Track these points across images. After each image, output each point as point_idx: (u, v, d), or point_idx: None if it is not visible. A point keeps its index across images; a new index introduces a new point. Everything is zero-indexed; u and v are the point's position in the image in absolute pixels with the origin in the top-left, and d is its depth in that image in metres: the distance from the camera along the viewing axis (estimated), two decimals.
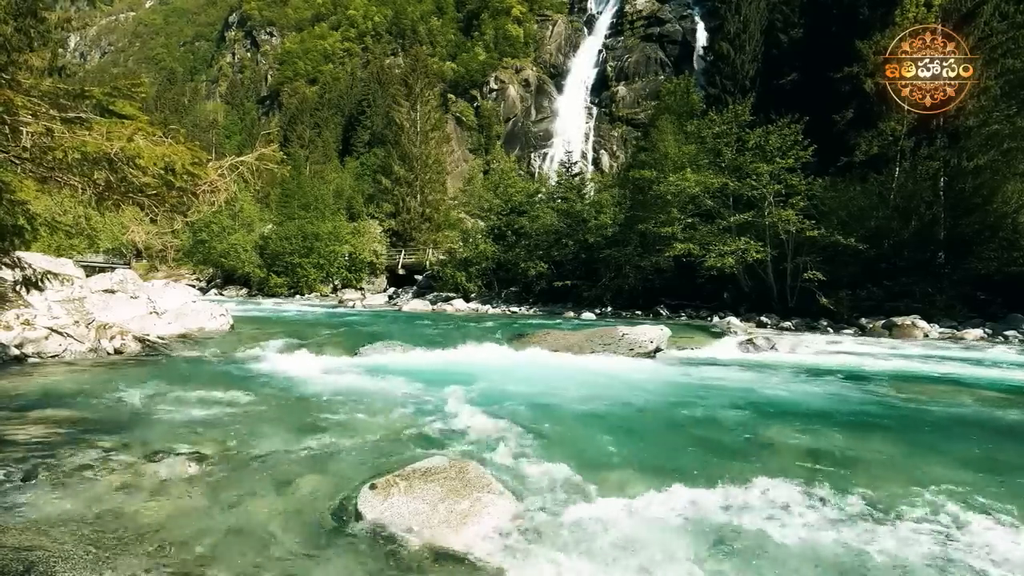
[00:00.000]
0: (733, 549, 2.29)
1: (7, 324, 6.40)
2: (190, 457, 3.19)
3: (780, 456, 3.56)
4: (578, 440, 3.80)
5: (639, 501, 2.67)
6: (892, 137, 15.29)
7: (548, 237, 21.88)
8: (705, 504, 2.64)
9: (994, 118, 13.27)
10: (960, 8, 15.09)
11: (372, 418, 4.23)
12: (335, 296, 28.19)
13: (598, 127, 57.77)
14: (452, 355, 7.64)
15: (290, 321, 13.28)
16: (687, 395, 5.41)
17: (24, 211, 3.64)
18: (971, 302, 12.97)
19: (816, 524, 2.48)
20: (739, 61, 22.96)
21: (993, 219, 13.26)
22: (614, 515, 2.53)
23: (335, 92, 66.39)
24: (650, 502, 2.66)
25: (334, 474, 3.04)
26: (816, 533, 2.40)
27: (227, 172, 3.40)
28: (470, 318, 16.71)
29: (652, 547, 2.28)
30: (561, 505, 2.64)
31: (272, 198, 37.38)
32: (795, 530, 2.42)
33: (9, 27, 4.13)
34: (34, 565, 1.81)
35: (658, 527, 2.44)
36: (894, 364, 7.56)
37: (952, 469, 3.26)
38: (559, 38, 64.59)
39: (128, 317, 8.20)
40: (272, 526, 2.45)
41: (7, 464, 2.92)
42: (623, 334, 8.08)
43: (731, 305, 16.15)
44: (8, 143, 2.84)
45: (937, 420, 4.60)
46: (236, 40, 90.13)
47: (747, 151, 15.08)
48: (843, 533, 2.39)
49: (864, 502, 2.70)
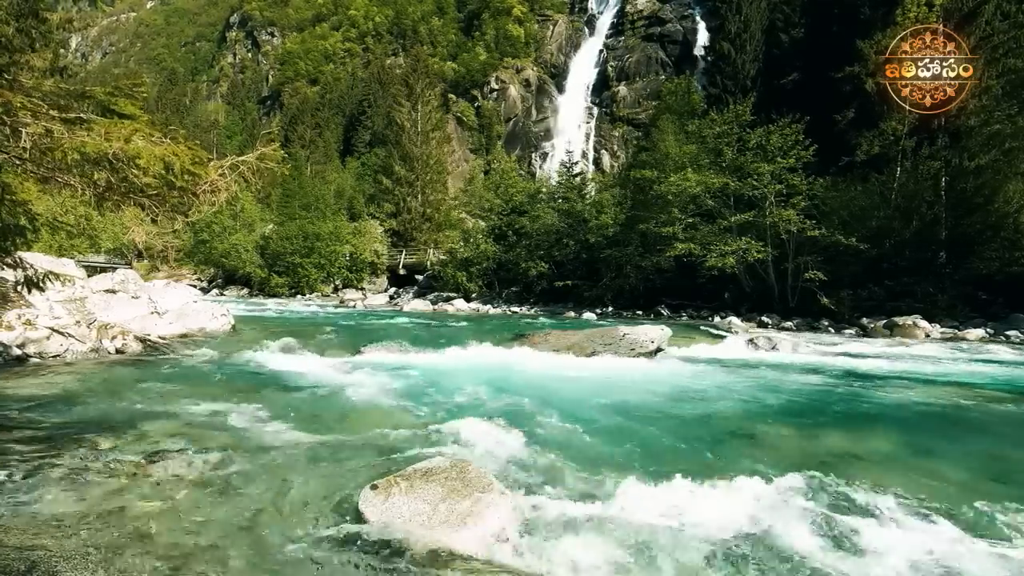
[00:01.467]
0: (735, 549, 2.29)
1: (9, 324, 6.41)
2: (191, 457, 3.20)
3: (781, 456, 3.55)
4: (579, 440, 3.80)
5: (640, 501, 2.67)
6: (893, 137, 15.26)
7: (549, 237, 21.88)
8: (707, 504, 2.63)
9: (996, 118, 13.24)
10: (961, 8, 15.05)
11: (373, 418, 4.23)
12: (336, 296, 28.22)
13: (599, 127, 57.73)
14: (453, 355, 7.64)
15: (291, 321, 13.30)
16: (688, 395, 5.41)
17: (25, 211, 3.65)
18: (973, 302, 12.95)
19: (817, 524, 2.47)
20: (740, 61, 22.92)
21: (995, 219, 13.24)
22: (615, 515, 2.53)
23: (336, 92, 66.45)
24: (651, 502, 2.66)
25: (335, 474, 3.04)
26: (817, 533, 2.39)
27: (228, 172, 3.40)
28: (471, 318, 16.71)
29: (653, 547, 2.27)
30: (562, 505, 2.64)
31: (273, 198, 37.44)
32: (797, 530, 2.41)
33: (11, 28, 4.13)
34: (36, 565, 1.82)
35: (659, 526, 2.44)
36: (895, 364, 7.54)
37: (954, 469, 3.26)
38: (560, 38, 64.55)
39: (129, 317, 8.21)
40: (273, 526, 2.45)
41: (9, 464, 2.93)
42: (624, 334, 8.07)
43: (732, 305, 16.14)
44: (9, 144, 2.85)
45: (939, 420, 4.59)
46: (237, 40, 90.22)
47: (748, 151, 15.07)
48: (844, 533, 2.39)
49: (866, 503, 2.69)
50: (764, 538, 2.36)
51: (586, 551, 2.25)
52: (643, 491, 2.78)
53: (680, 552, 2.25)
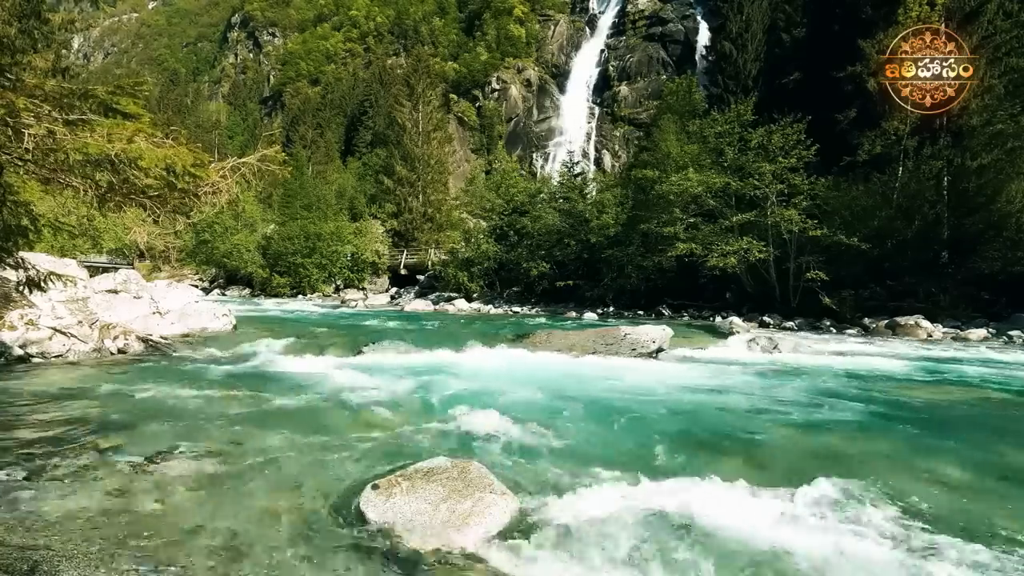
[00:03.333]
0: (738, 549, 2.28)
1: (11, 324, 6.42)
2: (192, 457, 3.20)
3: (783, 457, 3.55)
4: (580, 440, 3.79)
5: (641, 501, 2.66)
6: (895, 136, 15.21)
7: (550, 237, 21.87)
8: (708, 504, 2.63)
9: (998, 117, 13.21)
10: (964, 7, 14.99)
11: (374, 418, 4.23)
12: (337, 296, 28.24)
13: (600, 127, 57.74)
14: (454, 355, 7.64)
15: (292, 321, 13.31)
16: (689, 396, 5.40)
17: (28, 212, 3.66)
18: (975, 302, 12.91)
19: (818, 524, 2.47)
20: (741, 60, 22.88)
21: (997, 218, 13.20)
22: (616, 515, 2.53)
23: (337, 93, 66.56)
24: (652, 502, 2.65)
25: (336, 474, 3.04)
26: (818, 533, 2.39)
27: (229, 173, 3.41)
28: (472, 318, 16.72)
29: (655, 547, 2.27)
30: (563, 505, 2.64)
31: (275, 198, 37.50)
32: (799, 530, 2.41)
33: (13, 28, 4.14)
34: (38, 564, 1.82)
35: (660, 527, 2.44)
36: (897, 364, 7.52)
37: (956, 470, 3.25)
38: (561, 38, 64.57)
39: (131, 317, 8.23)
40: (275, 525, 2.45)
41: (12, 463, 2.94)
42: (625, 334, 8.06)
43: (734, 305, 16.12)
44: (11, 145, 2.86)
45: (941, 421, 4.58)
46: (239, 41, 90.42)
47: (749, 150, 15.04)
48: (845, 533, 2.38)
49: (868, 503, 2.69)
50: (765, 539, 2.35)
51: (587, 552, 2.25)
52: (645, 491, 2.78)
53: (682, 553, 2.25)
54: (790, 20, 21.64)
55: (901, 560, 2.19)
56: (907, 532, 2.41)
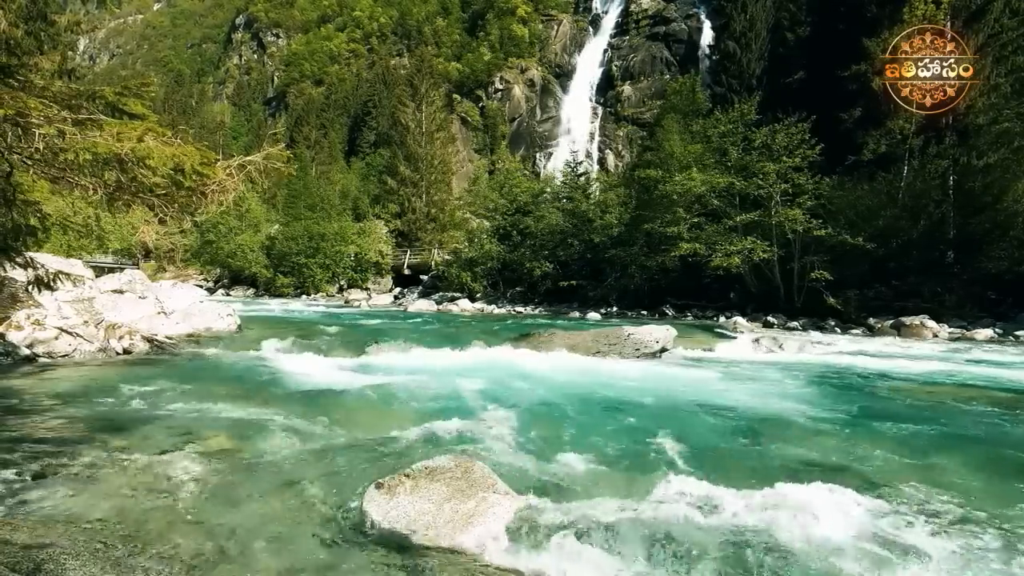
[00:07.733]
0: (740, 549, 2.28)
1: (18, 324, 6.47)
2: (197, 456, 3.22)
3: (785, 457, 3.53)
4: (583, 440, 3.79)
5: (644, 501, 2.66)
6: (900, 136, 15.15)
7: (553, 237, 21.87)
8: (711, 504, 2.62)
9: (1004, 116, 13.13)
10: (969, 5, 14.90)
11: (377, 417, 4.24)
12: (341, 296, 28.31)
13: (603, 127, 57.62)
14: (457, 355, 7.65)
15: (296, 321, 13.35)
16: (692, 396, 5.39)
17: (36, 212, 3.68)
18: (981, 302, 12.84)
19: (819, 525, 2.46)
20: (745, 60, 22.83)
21: (1003, 218, 13.13)
22: (619, 515, 2.53)
23: (341, 93, 66.71)
24: (656, 502, 2.65)
25: (340, 473, 3.05)
26: (820, 534, 2.38)
27: (235, 172, 3.43)
28: (475, 318, 16.73)
29: (658, 547, 2.27)
30: (566, 505, 2.64)
31: (278, 199, 37.63)
32: (800, 531, 2.40)
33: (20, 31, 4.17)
34: (44, 563, 1.83)
35: (665, 527, 2.43)
36: (903, 364, 7.49)
37: (959, 470, 3.23)
38: (564, 38, 64.48)
39: (137, 317, 8.28)
40: (278, 525, 2.46)
41: (18, 462, 2.96)
42: (629, 334, 8.05)
43: (738, 305, 16.07)
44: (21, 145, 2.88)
45: (946, 421, 4.55)
46: (243, 42, 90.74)
47: (753, 150, 15.00)
48: (846, 533, 2.38)
49: (871, 503, 2.68)
50: (770, 538, 2.35)
51: (590, 553, 2.25)
52: (648, 491, 2.77)
53: (685, 553, 2.25)
54: (794, 19, 21.56)
55: (902, 560, 2.19)
56: (909, 532, 2.40)
